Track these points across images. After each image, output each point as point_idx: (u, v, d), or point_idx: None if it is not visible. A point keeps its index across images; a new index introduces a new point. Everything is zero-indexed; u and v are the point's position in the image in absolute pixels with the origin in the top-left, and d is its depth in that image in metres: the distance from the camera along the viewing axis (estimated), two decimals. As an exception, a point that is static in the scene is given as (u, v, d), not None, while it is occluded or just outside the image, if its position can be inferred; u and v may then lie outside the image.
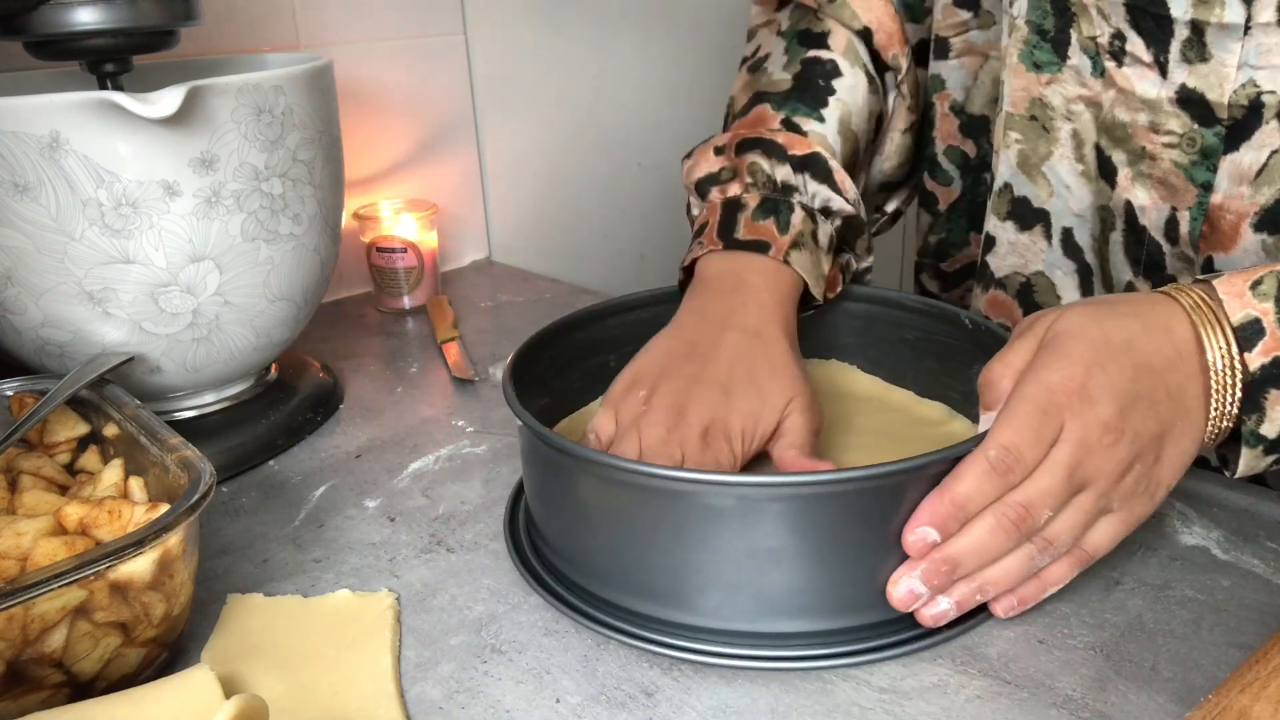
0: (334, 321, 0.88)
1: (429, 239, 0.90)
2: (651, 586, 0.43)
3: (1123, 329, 0.42)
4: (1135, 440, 0.41)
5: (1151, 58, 0.53)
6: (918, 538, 0.41)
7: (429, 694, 0.42)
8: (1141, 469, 0.42)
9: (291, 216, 0.60)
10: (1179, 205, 0.54)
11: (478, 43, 1.00)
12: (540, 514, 0.49)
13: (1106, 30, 0.55)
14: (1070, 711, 0.39)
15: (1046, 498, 0.40)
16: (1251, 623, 0.43)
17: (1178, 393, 0.42)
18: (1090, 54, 0.56)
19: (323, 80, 0.62)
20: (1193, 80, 0.52)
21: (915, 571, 0.41)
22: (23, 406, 0.54)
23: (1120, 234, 0.58)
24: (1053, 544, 0.42)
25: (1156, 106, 0.53)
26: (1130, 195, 0.56)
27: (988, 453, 0.40)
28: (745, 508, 0.40)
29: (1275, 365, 0.42)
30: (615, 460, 0.42)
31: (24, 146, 0.51)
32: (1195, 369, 0.42)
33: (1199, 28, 0.51)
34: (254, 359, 0.64)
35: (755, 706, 0.40)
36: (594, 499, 0.44)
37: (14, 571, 0.42)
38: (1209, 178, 0.52)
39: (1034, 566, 0.42)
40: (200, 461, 0.44)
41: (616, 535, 0.44)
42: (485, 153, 1.04)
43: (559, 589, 0.47)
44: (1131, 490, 0.42)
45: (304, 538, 0.54)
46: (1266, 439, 0.43)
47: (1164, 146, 0.54)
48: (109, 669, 0.40)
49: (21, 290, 0.56)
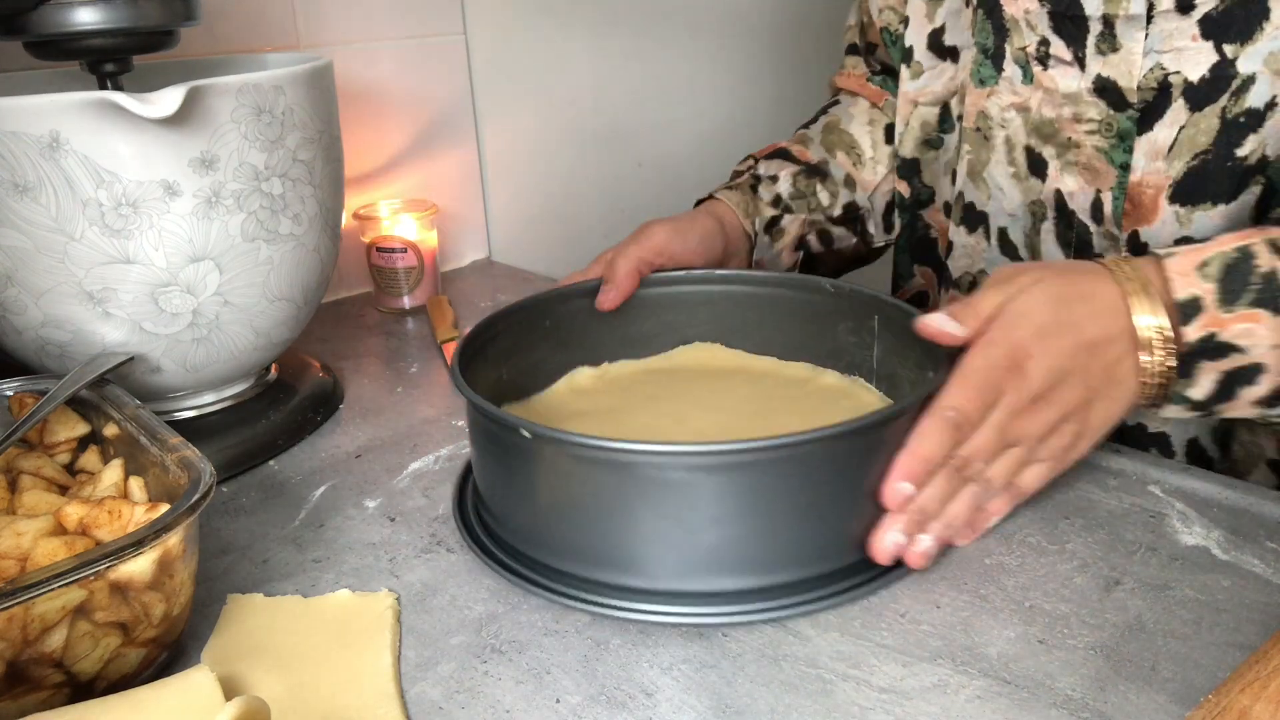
0: (334, 321, 0.88)
1: (429, 239, 0.90)
2: (590, 553, 0.46)
3: (1074, 311, 0.48)
4: (1062, 406, 0.48)
5: (1071, 55, 0.59)
6: (898, 492, 0.46)
7: (429, 694, 0.42)
8: (1070, 428, 0.49)
9: (291, 216, 0.60)
10: (1102, 187, 0.60)
11: (478, 42, 1.00)
12: (486, 489, 0.52)
13: (1034, 39, 0.61)
14: (1070, 711, 0.39)
15: (982, 451, 0.47)
16: (1251, 623, 0.43)
17: (1113, 365, 0.49)
18: (1020, 63, 0.63)
19: (323, 80, 0.62)
20: (1106, 70, 0.58)
21: (896, 525, 0.46)
22: (23, 406, 0.54)
23: (1051, 223, 0.65)
24: (991, 484, 0.49)
25: (1077, 98, 0.60)
26: (1059, 184, 0.63)
27: (945, 414, 0.46)
28: (676, 476, 0.44)
29: (1208, 340, 0.47)
30: (555, 433, 0.45)
31: (24, 146, 0.51)
32: (1130, 346, 0.48)
33: (1109, 21, 0.57)
34: (254, 359, 0.64)
35: (755, 706, 0.40)
36: (534, 471, 0.47)
37: (14, 571, 0.42)
38: (1126, 158, 0.59)
39: (979, 503, 0.49)
40: (200, 461, 0.44)
41: (555, 504, 0.47)
42: (485, 152, 1.04)
43: (506, 559, 0.50)
44: (1059, 445, 0.49)
45: (304, 538, 0.54)
46: (1191, 399, 0.49)
47: (1086, 134, 0.60)
48: (109, 669, 0.40)
49: (21, 290, 0.56)
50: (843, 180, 0.78)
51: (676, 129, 1.22)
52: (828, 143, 0.79)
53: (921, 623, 0.45)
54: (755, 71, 1.29)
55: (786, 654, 0.43)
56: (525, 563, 0.49)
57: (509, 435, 0.47)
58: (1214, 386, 0.48)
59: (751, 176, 0.76)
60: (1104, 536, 0.50)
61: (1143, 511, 0.52)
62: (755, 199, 0.74)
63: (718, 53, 1.24)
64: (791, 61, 1.32)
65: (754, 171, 0.76)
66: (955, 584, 0.47)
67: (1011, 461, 0.49)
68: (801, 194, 0.76)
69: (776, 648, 0.44)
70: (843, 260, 0.81)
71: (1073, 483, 0.55)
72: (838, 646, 0.43)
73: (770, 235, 0.75)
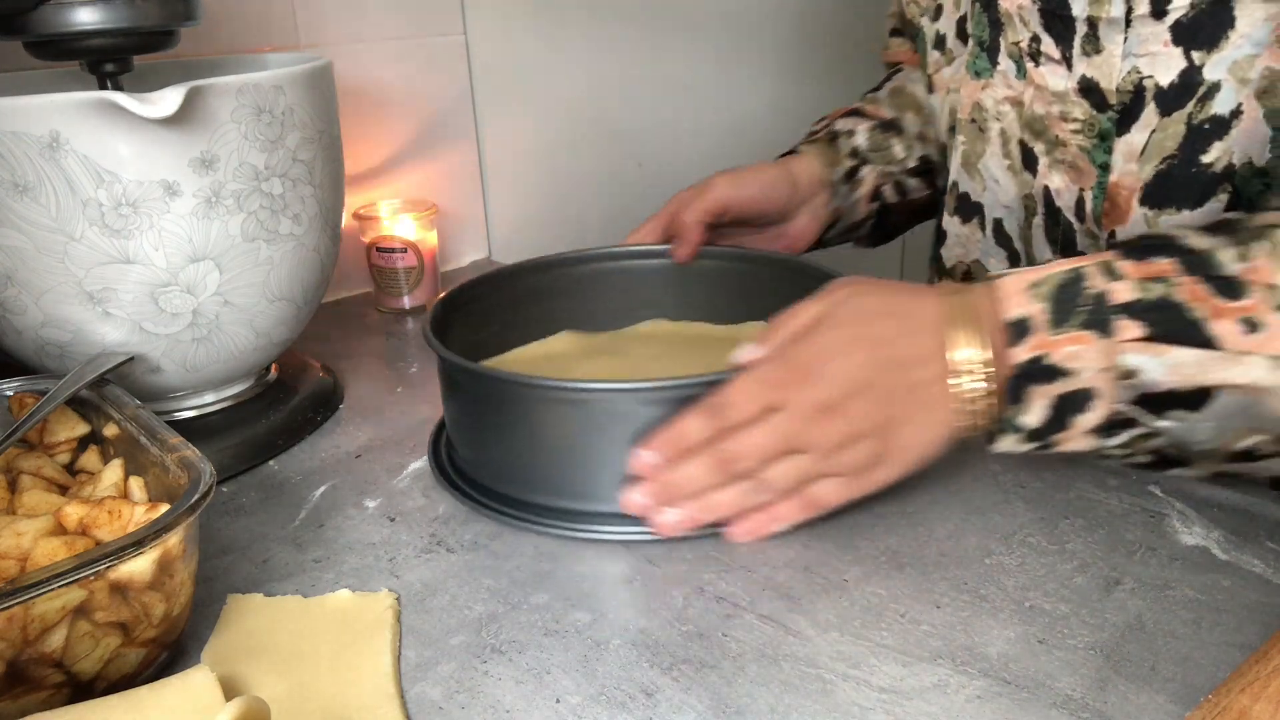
0: (334, 321, 0.88)
1: (429, 239, 0.90)
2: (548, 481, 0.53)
3: (884, 326, 0.48)
4: (858, 421, 0.47)
5: (1060, 54, 0.60)
6: (639, 458, 0.49)
7: (429, 694, 0.42)
8: (868, 445, 0.48)
9: (291, 216, 0.60)
10: (1084, 186, 0.61)
11: (477, 42, 1.00)
12: (454, 432, 0.59)
13: (1026, 35, 0.62)
14: (1070, 711, 0.39)
15: (754, 450, 0.48)
16: (1251, 623, 0.43)
17: (920, 386, 0.48)
18: (1014, 58, 0.63)
19: (323, 80, 0.62)
20: (1090, 71, 0.58)
21: (644, 488, 0.49)
22: (23, 406, 0.54)
23: (1041, 219, 0.65)
24: (769, 487, 0.49)
25: (1064, 97, 0.60)
26: (1048, 181, 0.63)
27: (711, 401, 0.48)
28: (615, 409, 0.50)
29: (1036, 361, 0.46)
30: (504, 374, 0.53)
31: (24, 146, 0.51)
32: (943, 370, 0.47)
33: (1093, 22, 0.57)
34: (254, 359, 0.64)
35: (755, 706, 0.40)
36: (491, 410, 0.54)
37: (14, 571, 0.42)
38: (1106, 159, 0.59)
39: (752, 501, 0.49)
40: (200, 461, 0.44)
41: (515, 439, 0.53)
42: (485, 152, 1.04)
43: (474, 494, 0.56)
44: (855, 461, 0.48)
45: (304, 538, 0.54)
46: (1024, 428, 0.48)
47: (1071, 132, 0.60)
48: (109, 669, 0.40)
49: (21, 290, 0.56)
50: (915, 135, 0.80)
51: (676, 129, 1.22)
52: (897, 104, 0.81)
53: (921, 623, 0.45)
54: (755, 71, 1.29)
55: (786, 654, 0.43)
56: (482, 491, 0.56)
57: (462, 376, 0.55)
58: (1046, 413, 0.47)
59: (829, 132, 0.79)
60: (1104, 536, 0.50)
61: (1143, 511, 0.52)
62: (834, 150, 0.78)
63: (718, 52, 1.24)
64: (792, 61, 1.32)
65: (830, 128, 0.79)
66: (955, 584, 0.47)
67: (794, 468, 0.48)
68: (878, 147, 0.79)
69: (776, 648, 0.44)
70: (914, 210, 0.83)
71: (1073, 483, 0.55)
72: (838, 646, 0.43)
73: (849, 185, 0.78)
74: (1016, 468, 0.57)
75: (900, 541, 0.51)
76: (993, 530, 0.51)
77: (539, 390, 0.51)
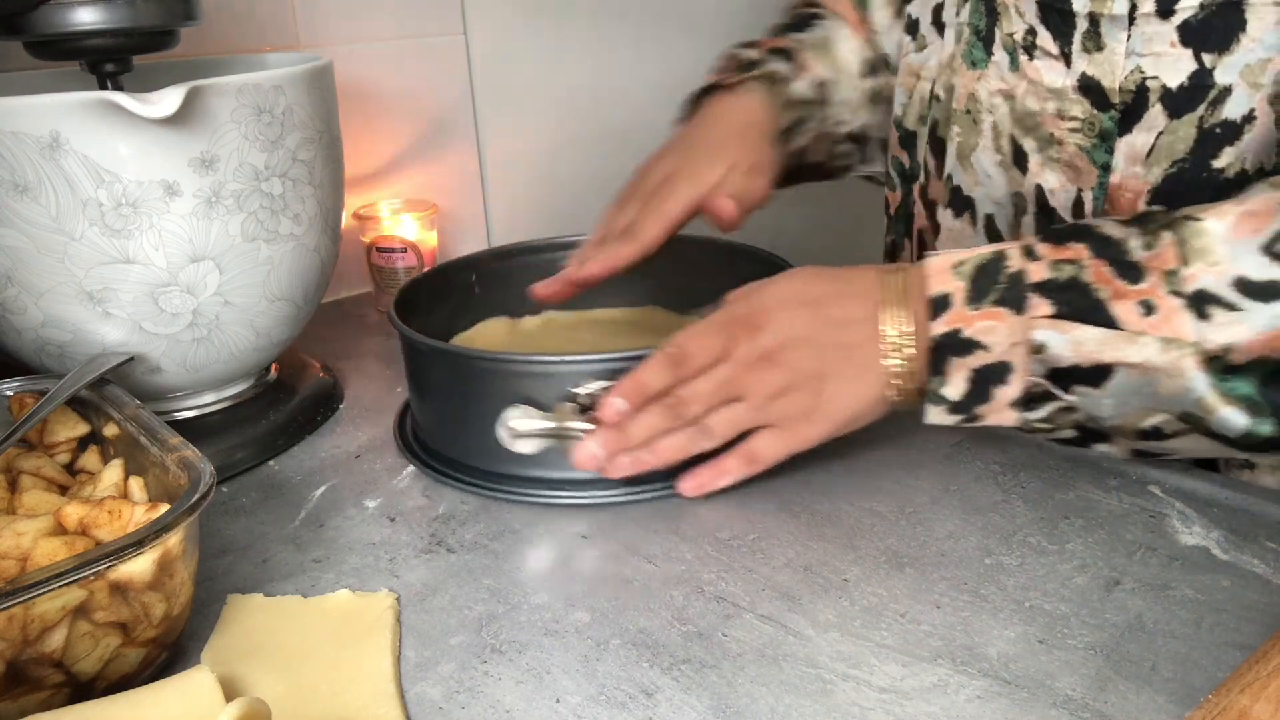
0: (334, 321, 0.88)
1: (429, 239, 0.90)
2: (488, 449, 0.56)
3: (823, 289, 0.52)
4: (792, 371, 0.51)
5: (1058, 50, 0.59)
6: (612, 406, 0.51)
7: (429, 694, 0.42)
8: (801, 397, 0.51)
9: (291, 216, 0.60)
10: (1083, 186, 0.60)
11: (478, 42, 1.00)
12: (419, 407, 0.63)
13: (1021, 27, 0.61)
14: (1070, 711, 0.39)
15: (700, 397, 0.51)
16: (1251, 623, 0.43)
17: (853, 346, 0.51)
18: (1008, 50, 0.62)
19: (323, 80, 0.62)
20: (1091, 68, 0.58)
21: (599, 439, 0.51)
22: (23, 406, 0.54)
23: (1032, 217, 0.64)
24: (711, 433, 0.52)
25: (1062, 94, 0.59)
26: (1040, 179, 0.62)
27: (668, 350, 0.51)
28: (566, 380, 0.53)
29: (953, 335, 0.49)
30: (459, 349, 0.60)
31: (24, 146, 0.51)
32: (872, 333, 0.50)
33: (1095, 19, 0.57)
34: (254, 359, 0.64)
35: (755, 707, 0.40)
36: (444, 381, 0.59)
37: (14, 571, 0.42)
38: (1107, 159, 0.58)
39: (695, 447, 0.52)
40: (200, 461, 0.44)
41: (469, 409, 0.57)
42: (485, 152, 1.04)
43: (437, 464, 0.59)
44: (787, 411, 0.51)
45: (304, 538, 0.54)
46: (948, 399, 0.50)
47: (1069, 131, 0.60)
48: (109, 669, 0.40)
49: (21, 290, 0.56)
50: (855, 100, 0.76)
51: (676, 129, 1.22)
52: (827, 62, 0.75)
53: (921, 623, 0.45)
54: (755, 71, 1.28)
55: (786, 654, 0.43)
56: (446, 463, 0.60)
57: (423, 352, 0.59)
58: (967, 385, 0.49)
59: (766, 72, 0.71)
60: (1104, 536, 0.50)
61: (1143, 511, 0.52)
62: (776, 94, 0.71)
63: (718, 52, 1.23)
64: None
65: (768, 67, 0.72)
66: (955, 584, 0.47)
67: (733, 415, 0.51)
68: (819, 101, 0.73)
69: (776, 648, 0.44)
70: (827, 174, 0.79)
71: (1073, 483, 0.55)
72: (838, 646, 0.43)
73: (786, 139, 0.71)
74: (1016, 468, 0.57)
75: (900, 541, 0.51)
76: (993, 530, 0.51)
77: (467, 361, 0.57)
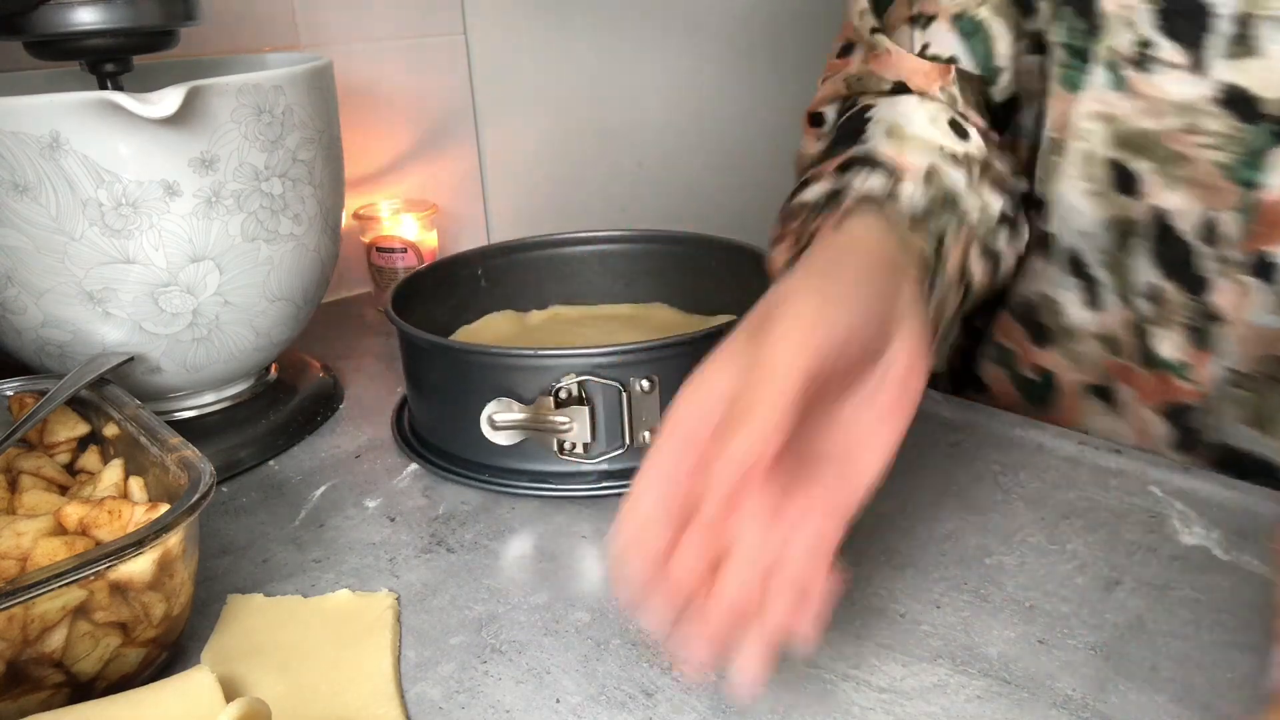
0: (334, 321, 0.88)
1: (429, 239, 0.90)
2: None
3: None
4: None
5: (1185, 59, 0.51)
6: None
7: (429, 694, 0.42)
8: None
9: (291, 216, 0.60)
10: (1218, 205, 0.53)
11: (478, 43, 1.00)
12: (414, 400, 0.64)
13: (1130, 39, 0.53)
14: (1070, 711, 0.39)
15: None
16: (1251, 623, 0.43)
17: None
18: (1108, 66, 0.55)
19: (323, 80, 0.62)
20: (1238, 77, 0.50)
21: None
22: (23, 406, 0.54)
23: (1146, 241, 0.57)
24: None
25: (1191, 108, 0.52)
26: (1158, 201, 0.55)
27: None
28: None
29: None
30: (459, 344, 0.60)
31: (24, 146, 0.51)
32: None
33: (1246, 21, 0.49)
34: (254, 359, 0.64)
35: (755, 706, 0.40)
36: (434, 373, 0.60)
37: (14, 571, 0.42)
38: (1253, 175, 0.51)
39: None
40: (200, 461, 0.44)
41: (465, 405, 0.56)
42: (485, 152, 1.04)
43: (434, 458, 0.60)
44: None
45: (304, 538, 0.54)
46: None
47: (1201, 147, 0.52)
48: (109, 669, 0.40)
49: (21, 290, 0.56)
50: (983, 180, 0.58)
51: (676, 129, 1.22)
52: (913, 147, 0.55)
53: (921, 623, 0.45)
54: (756, 71, 1.28)
55: (786, 654, 0.43)
56: (442, 455, 0.60)
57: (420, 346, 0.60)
58: None
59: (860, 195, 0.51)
60: (1104, 536, 0.50)
61: (1143, 511, 0.52)
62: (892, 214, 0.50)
63: (719, 52, 1.24)
64: (792, 61, 1.32)
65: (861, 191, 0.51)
66: (955, 584, 0.47)
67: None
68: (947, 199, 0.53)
69: (776, 648, 0.43)
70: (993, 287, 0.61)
71: (1073, 483, 0.55)
72: (838, 647, 0.43)
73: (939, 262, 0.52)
74: (1016, 468, 0.57)
75: (900, 541, 0.51)
76: (993, 530, 0.51)
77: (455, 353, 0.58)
